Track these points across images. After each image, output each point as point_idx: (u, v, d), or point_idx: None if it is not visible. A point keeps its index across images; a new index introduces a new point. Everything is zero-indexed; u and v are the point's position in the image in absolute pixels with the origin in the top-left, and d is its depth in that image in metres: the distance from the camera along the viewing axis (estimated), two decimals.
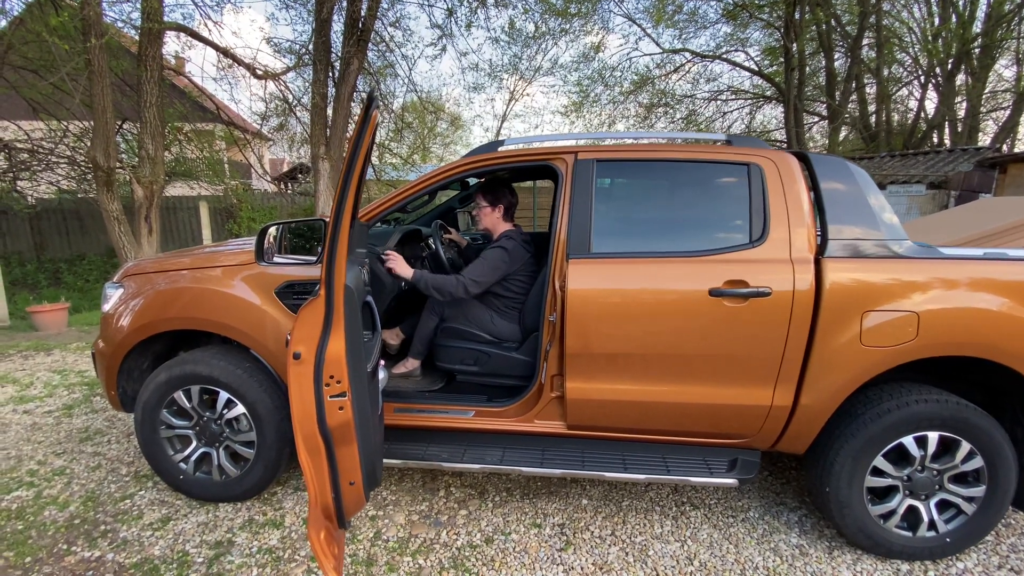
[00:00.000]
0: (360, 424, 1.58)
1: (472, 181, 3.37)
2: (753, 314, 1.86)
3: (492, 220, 2.49)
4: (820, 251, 1.88)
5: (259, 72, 9.20)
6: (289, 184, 14.50)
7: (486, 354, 2.34)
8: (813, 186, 1.98)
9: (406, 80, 8.58)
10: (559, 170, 2.13)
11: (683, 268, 1.95)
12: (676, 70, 13.91)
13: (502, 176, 2.69)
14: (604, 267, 2.01)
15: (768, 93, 14.02)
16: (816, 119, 14.61)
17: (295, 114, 9.44)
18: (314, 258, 2.04)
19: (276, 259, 2.07)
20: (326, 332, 1.52)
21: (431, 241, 2.69)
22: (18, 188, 7.19)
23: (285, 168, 15.42)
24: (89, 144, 6.31)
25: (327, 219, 1.74)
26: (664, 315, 1.94)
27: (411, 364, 2.54)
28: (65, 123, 7.39)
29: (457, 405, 2.23)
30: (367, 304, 1.82)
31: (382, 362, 1.90)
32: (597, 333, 1.98)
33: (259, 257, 1.98)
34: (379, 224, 2.46)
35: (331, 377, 1.51)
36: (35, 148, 7.15)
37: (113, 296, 2.33)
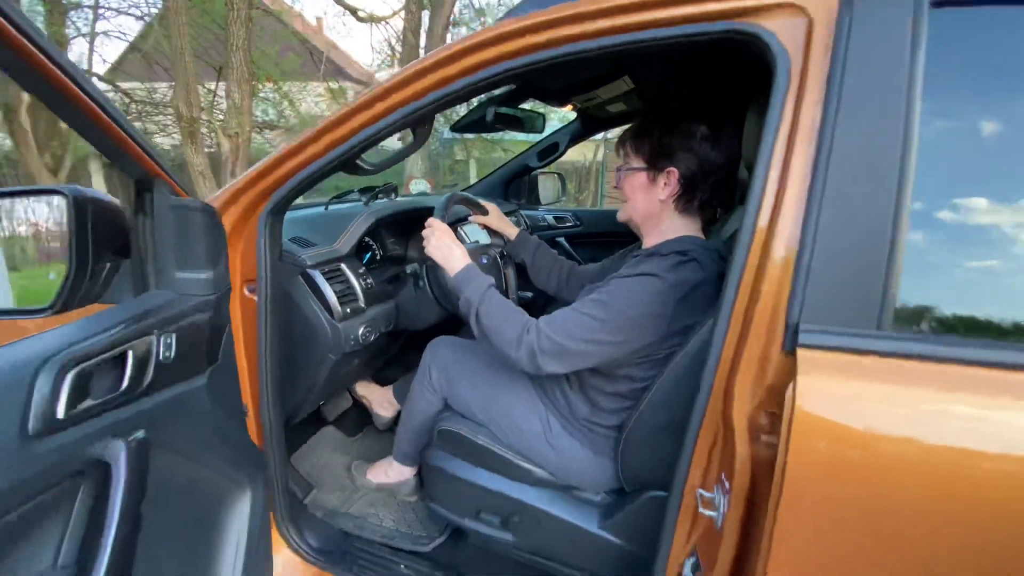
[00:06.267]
0: None
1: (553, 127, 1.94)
2: None
3: (647, 202, 0.95)
4: None
5: (361, 15, 8.53)
6: None
7: (529, 511, 1.00)
8: None
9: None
10: (776, 45, 0.66)
11: None
12: None
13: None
14: (965, 399, 0.53)
15: None
16: None
17: (399, 62, 8.63)
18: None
19: None
20: None
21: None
22: None
23: None
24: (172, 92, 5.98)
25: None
26: None
27: (396, 473, 1.30)
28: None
29: None
30: None
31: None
32: None
33: None
34: (325, 206, 1.21)
35: None
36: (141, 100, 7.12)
37: None
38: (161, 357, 0.66)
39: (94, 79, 7.48)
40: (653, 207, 0.95)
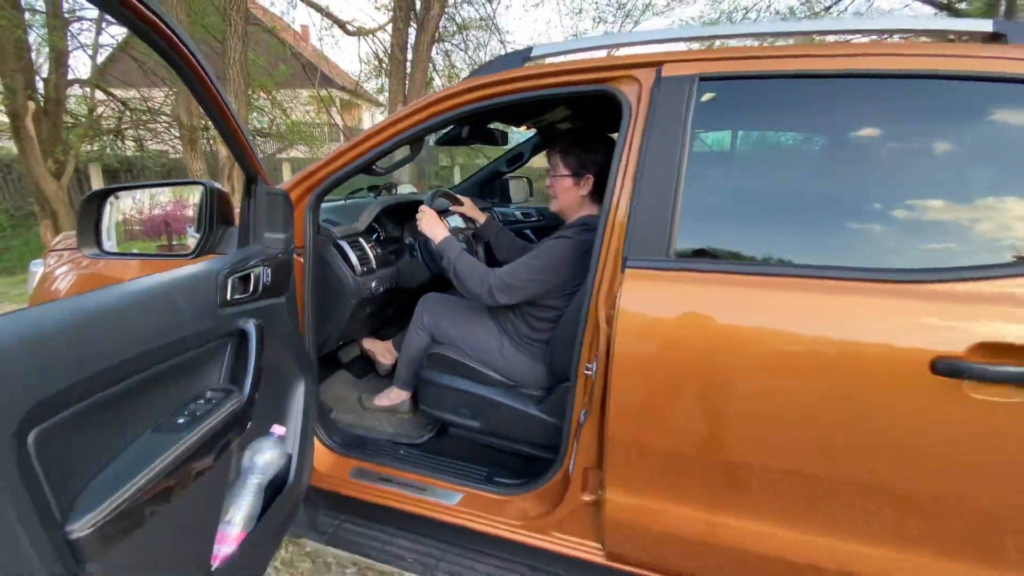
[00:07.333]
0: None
1: (521, 138, 2.43)
2: None
3: (571, 198, 1.47)
4: None
5: (350, 28, 8.97)
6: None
7: (490, 403, 1.47)
8: None
9: (491, 25, 7.63)
10: (624, 99, 1.14)
11: (877, 305, 0.89)
12: None
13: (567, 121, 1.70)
14: (696, 289, 1.02)
15: None
16: None
17: (386, 74, 9.07)
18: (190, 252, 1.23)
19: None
20: None
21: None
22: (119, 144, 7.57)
23: None
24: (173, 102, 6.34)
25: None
26: (821, 401, 0.92)
27: (396, 396, 1.76)
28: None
29: (439, 479, 1.41)
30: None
31: (277, 431, 1.12)
32: (668, 411, 1.03)
33: (84, 243, 1.22)
34: (344, 199, 1.67)
35: None
36: (140, 108, 7.45)
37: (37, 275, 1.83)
38: (264, 279, 1.11)
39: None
40: (575, 200, 1.44)
